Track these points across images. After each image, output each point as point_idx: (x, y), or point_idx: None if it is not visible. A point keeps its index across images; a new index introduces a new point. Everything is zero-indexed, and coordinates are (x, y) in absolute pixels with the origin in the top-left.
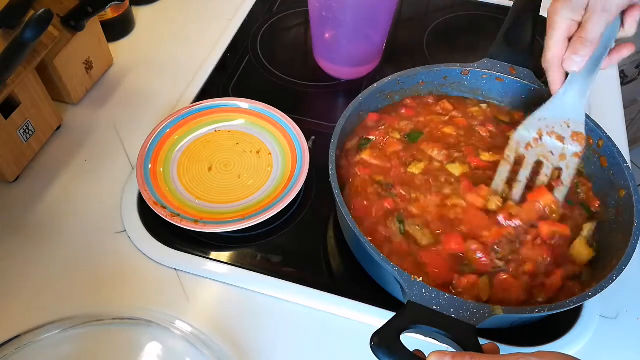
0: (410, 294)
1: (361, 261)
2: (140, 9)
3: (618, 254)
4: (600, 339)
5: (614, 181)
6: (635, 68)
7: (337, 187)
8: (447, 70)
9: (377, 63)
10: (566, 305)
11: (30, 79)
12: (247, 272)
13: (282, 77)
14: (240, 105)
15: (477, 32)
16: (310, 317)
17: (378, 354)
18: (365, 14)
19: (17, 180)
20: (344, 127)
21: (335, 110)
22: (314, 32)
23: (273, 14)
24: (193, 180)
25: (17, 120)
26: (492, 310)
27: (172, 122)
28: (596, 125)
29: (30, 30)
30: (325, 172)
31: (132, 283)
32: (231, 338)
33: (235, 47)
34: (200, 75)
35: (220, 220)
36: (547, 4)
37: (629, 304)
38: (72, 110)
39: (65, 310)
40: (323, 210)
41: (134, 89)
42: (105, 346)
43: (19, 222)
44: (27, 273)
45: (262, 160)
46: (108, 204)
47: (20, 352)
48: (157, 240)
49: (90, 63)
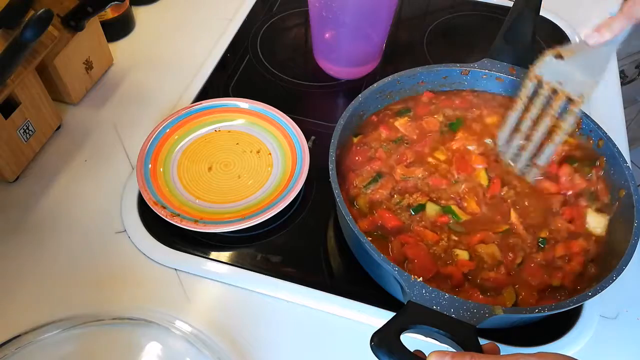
0: (410, 294)
1: (361, 261)
2: (140, 9)
3: (618, 254)
4: (600, 339)
5: (614, 181)
6: (635, 68)
7: (337, 187)
8: (447, 70)
9: (377, 63)
10: (566, 305)
11: (30, 79)
12: (247, 272)
13: (282, 77)
14: (240, 105)
15: (477, 32)
16: (310, 317)
17: (378, 354)
18: (366, 14)
19: (17, 180)
20: (344, 127)
21: (335, 110)
22: (314, 32)
23: (273, 14)
24: (193, 180)
25: (17, 120)
26: (492, 310)
27: (172, 122)
28: (596, 125)
29: (30, 30)
30: (325, 172)
31: (132, 283)
32: (231, 338)
33: (235, 47)
34: (200, 75)
35: (220, 220)
36: (547, 4)
37: (629, 304)
38: (72, 110)
39: (65, 310)
40: (323, 210)
41: (134, 89)
42: (105, 346)
43: (19, 222)
44: (27, 273)
45: (262, 160)
46: (108, 203)
47: (20, 352)
48: (157, 240)
49: (90, 63)
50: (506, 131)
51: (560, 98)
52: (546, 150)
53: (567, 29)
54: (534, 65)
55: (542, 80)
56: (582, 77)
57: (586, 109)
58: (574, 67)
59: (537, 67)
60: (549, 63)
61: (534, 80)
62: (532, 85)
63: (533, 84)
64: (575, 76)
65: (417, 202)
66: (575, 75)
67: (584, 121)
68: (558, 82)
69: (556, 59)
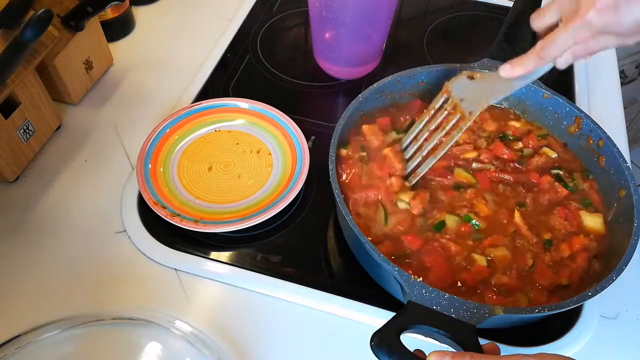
0: (410, 294)
1: (361, 261)
2: (140, 9)
3: (618, 254)
4: (600, 339)
5: (614, 181)
6: (635, 68)
7: (337, 187)
8: (447, 70)
9: (377, 63)
10: (566, 305)
11: (30, 79)
12: (247, 272)
13: (282, 77)
14: (240, 105)
15: (477, 32)
16: (310, 317)
17: (378, 354)
18: (365, 14)
19: (17, 180)
20: (344, 127)
21: (335, 110)
22: (314, 32)
23: (273, 14)
24: (193, 180)
25: (17, 120)
26: (492, 310)
27: (172, 122)
28: (596, 125)
29: (30, 30)
30: (325, 172)
31: (132, 283)
32: (231, 338)
33: (235, 47)
34: (200, 75)
35: (220, 220)
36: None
37: (629, 304)
38: (72, 110)
39: (65, 310)
40: (323, 210)
41: (134, 89)
42: (105, 346)
43: (19, 222)
44: (27, 273)
45: (262, 160)
46: (108, 203)
47: (20, 352)
48: (157, 240)
49: (90, 63)
50: (409, 137)
51: (455, 114)
52: (427, 161)
53: None
54: (449, 81)
55: (450, 95)
56: (479, 96)
57: (586, 109)
58: (479, 87)
59: (451, 83)
60: (461, 81)
61: (444, 95)
62: (442, 99)
63: (444, 97)
64: (475, 95)
65: (438, 220)
66: (475, 94)
67: (584, 121)
68: (460, 99)
69: (468, 79)
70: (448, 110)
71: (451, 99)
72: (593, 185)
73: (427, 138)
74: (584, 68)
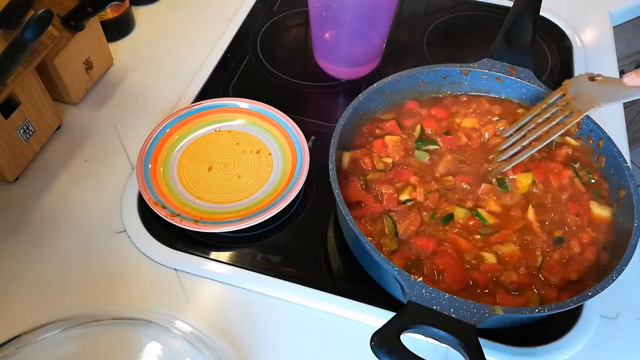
0: (410, 294)
1: (361, 261)
2: (140, 9)
3: (618, 254)
4: (600, 339)
5: (614, 181)
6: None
7: (337, 187)
8: (447, 70)
9: (377, 63)
10: (566, 305)
11: (30, 79)
12: (247, 272)
13: (282, 77)
14: (240, 105)
15: (477, 32)
16: (310, 317)
17: (378, 354)
18: (365, 14)
19: (17, 180)
20: (344, 127)
21: (335, 110)
22: (314, 32)
23: (273, 14)
24: (193, 180)
25: (17, 120)
26: (492, 310)
27: (172, 122)
28: (596, 125)
29: (30, 30)
30: (325, 172)
31: (132, 283)
32: (231, 338)
33: (235, 47)
34: (200, 75)
35: (220, 220)
36: (547, 4)
37: (629, 304)
38: (72, 110)
39: (65, 310)
40: (323, 210)
41: (134, 89)
42: (105, 346)
43: (19, 222)
44: (27, 273)
45: (262, 160)
46: (108, 204)
47: (20, 352)
48: (157, 240)
49: (90, 63)
50: (515, 126)
51: (566, 110)
52: (525, 151)
53: (567, 29)
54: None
55: (566, 92)
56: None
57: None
58: (596, 89)
59: (570, 82)
60: (580, 81)
61: (561, 92)
62: (558, 95)
63: (559, 94)
64: (589, 95)
65: (446, 212)
66: (590, 95)
67: (584, 121)
68: (573, 97)
69: (589, 80)
70: (560, 107)
71: (566, 96)
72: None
73: (531, 130)
74: (584, 68)
